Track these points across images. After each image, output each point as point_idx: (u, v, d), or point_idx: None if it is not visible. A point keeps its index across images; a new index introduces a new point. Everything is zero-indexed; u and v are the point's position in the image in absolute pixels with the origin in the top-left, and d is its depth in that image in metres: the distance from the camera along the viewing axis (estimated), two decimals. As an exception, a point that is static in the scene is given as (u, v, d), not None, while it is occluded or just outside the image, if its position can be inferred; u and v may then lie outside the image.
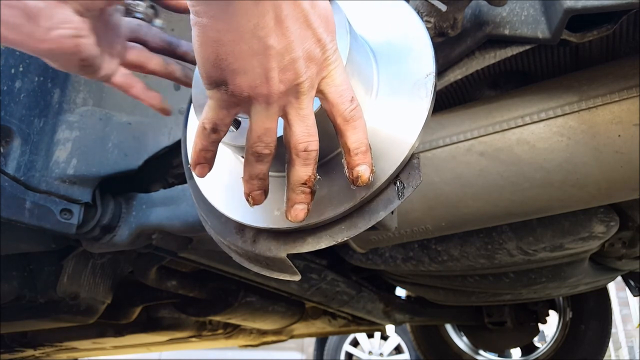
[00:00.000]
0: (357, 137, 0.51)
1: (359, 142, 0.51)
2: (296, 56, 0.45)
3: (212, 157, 0.52)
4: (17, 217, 0.92)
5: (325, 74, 0.48)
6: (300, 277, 0.61)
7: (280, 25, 0.43)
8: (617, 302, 6.32)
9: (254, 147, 0.50)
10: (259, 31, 0.42)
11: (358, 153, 0.51)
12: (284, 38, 0.44)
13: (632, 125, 0.88)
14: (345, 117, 0.50)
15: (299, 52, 0.45)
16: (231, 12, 0.41)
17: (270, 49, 0.43)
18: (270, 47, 0.43)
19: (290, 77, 0.46)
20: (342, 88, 0.49)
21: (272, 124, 0.49)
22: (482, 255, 1.39)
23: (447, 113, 1.05)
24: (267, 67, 0.44)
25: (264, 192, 0.53)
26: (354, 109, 0.50)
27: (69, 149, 1.02)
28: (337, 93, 0.49)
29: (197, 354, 5.36)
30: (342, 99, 0.49)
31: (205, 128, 0.49)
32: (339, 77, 0.49)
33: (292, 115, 0.48)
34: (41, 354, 2.17)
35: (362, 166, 0.51)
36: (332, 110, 0.50)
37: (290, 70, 0.45)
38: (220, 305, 1.82)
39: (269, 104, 0.47)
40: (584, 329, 2.74)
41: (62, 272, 1.32)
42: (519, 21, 0.83)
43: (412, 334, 3.19)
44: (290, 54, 0.44)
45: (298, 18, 0.44)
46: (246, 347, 2.94)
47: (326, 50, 0.47)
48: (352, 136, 0.51)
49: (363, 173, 0.51)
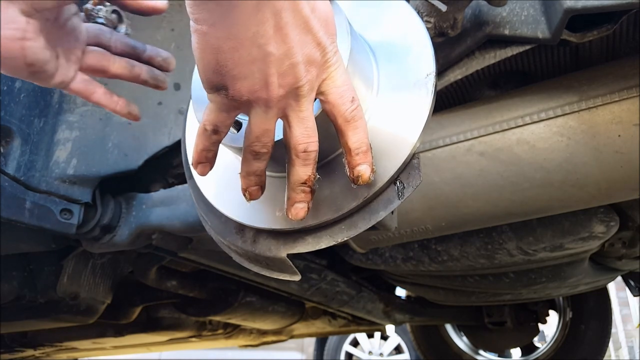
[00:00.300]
0: (358, 137, 0.51)
1: (359, 142, 0.51)
2: (296, 61, 0.45)
3: (213, 157, 0.53)
4: (17, 217, 0.92)
5: (325, 76, 0.48)
6: (300, 277, 0.61)
7: (279, 32, 0.43)
8: (617, 302, 6.31)
9: (252, 146, 0.50)
10: (259, 39, 0.43)
11: (359, 153, 0.51)
12: (284, 44, 0.44)
13: (632, 125, 0.88)
14: (346, 118, 0.50)
15: (299, 57, 0.45)
16: (231, 20, 0.42)
17: (269, 56, 0.44)
18: (270, 54, 0.44)
19: (289, 81, 0.46)
20: (343, 89, 0.50)
21: (271, 125, 0.49)
22: (482, 255, 1.39)
23: (447, 113, 1.05)
24: (267, 73, 0.45)
25: (260, 187, 0.54)
26: (354, 109, 0.50)
27: (69, 149, 1.02)
28: (337, 94, 0.50)
29: (197, 354, 5.36)
30: (342, 99, 0.50)
31: (206, 129, 0.50)
32: (340, 78, 0.49)
33: (292, 117, 0.49)
34: (41, 354, 2.17)
35: (363, 165, 0.52)
36: (333, 111, 0.50)
37: (290, 74, 0.46)
38: (220, 305, 1.82)
39: (268, 107, 0.47)
40: (584, 329, 2.74)
41: (62, 272, 1.32)
42: (519, 21, 0.83)
43: (412, 334, 3.19)
44: (290, 59, 0.45)
45: (298, 24, 0.44)
46: (246, 347, 2.94)
47: (326, 52, 0.47)
48: (353, 136, 0.51)
49: (364, 172, 0.52)
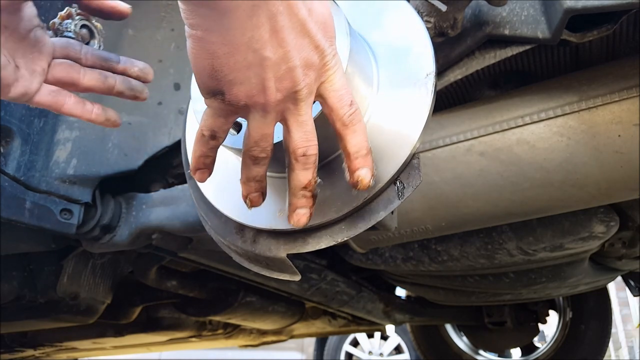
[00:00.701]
0: (357, 141, 0.50)
1: (359, 145, 0.51)
2: (293, 65, 0.44)
3: (212, 163, 0.52)
4: (17, 217, 0.92)
5: (324, 79, 0.48)
6: (300, 277, 0.61)
7: (276, 36, 0.43)
8: (617, 302, 6.31)
9: (251, 151, 0.50)
10: (254, 43, 0.42)
11: (358, 157, 0.51)
12: (280, 49, 0.43)
13: (632, 125, 0.88)
14: (345, 121, 0.50)
15: (296, 60, 0.44)
16: (225, 25, 0.41)
17: (266, 60, 0.43)
18: (266, 59, 0.43)
19: (287, 85, 0.45)
20: (341, 92, 0.49)
21: (269, 129, 0.49)
22: (482, 255, 1.39)
23: (447, 113, 1.05)
24: (264, 78, 0.44)
25: (261, 194, 0.53)
26: (353, 112, 0.50)
27: (69, 149, 1.02)
28: (336, 97, 0.49)
29: (197, 354, 5.36)
30: (341, 103, 0.49)
31: (203, 135, 0.49)
32: (338, 82, 0.49)
33: (291, 121, 0.48)
34: (41, 354, 2.17)
35: (363, 170, 0.51)
36: (332, 115, 0.50)
37: (288, 78, 0.45)
38: (220, 305, 1.82)
39: (266, 112, 0.47)
40: (584, 329, 2.74)
41: (62, 272, 1.32)
42: (519, 21, 0.83)
43: (412, 334, 3.19)
44: (287, 63, 0.44)
45: (294, 28, 0.43)
46: (246, 347, 2.94)
47: (325, 55, 0.46)
48: (352, 140, 0.50)
49: (364, 177, 0.51)
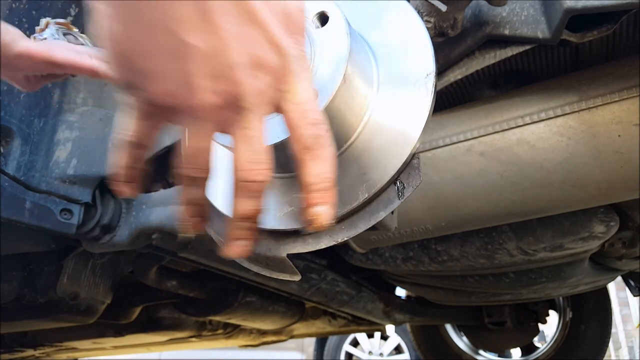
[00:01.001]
0: (317, 170, 0.40)
1: (319, 176, 0.40)
2: (232, 61, 0.35)
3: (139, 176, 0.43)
4: (17, 217, 0.92)
5: (285, 88, 0.38)
6: (300, 277, 0.61)
7: (207, 20, 0.33)
8: (617, 302, 6.31)
9: (184, 171, 0.40)
10: (172, 24, 0.33)
11: (316, 190, 0.40)
12: (214, 36, 0.34)
13: (632, 125, 0.88)
14: (305, 144, 0.39)
15: (239, 56, 0.35)
16: None
17: (189, 48, 0.33)
18: (190, 46, 0.33)
19: (225, 87, 0.35)
20: (305, 107, 0.39)
21: (205, 143, 0.39)
22: (482, 255, 1.39)
23: (447, 113, 1.05)
24: (187, 71, 0.34)
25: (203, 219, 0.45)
26: (317, 134, 0.39)
27: (69, 149, 1.02)
28: (297, 112, 0.39)
29: (197, 354, 5.35)
30: (303, 120, 0.39)
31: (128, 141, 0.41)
32: (303, 93, 0.39)
33: (236, 135, 0.38)
34: (41, 354, 2.17)
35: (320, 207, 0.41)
36: (291, 134, 0.40)
37: (225, 78, 0.35)
38: (220, 305, 1.82)
39: (198, 119, 0.37)
40: (584, 329, 2.74)
41: (62, 272, 1.32)
42: (519, 21, 0.83)
43: (412, 334, 3.18)
44: (224, 56, 0.34)
45: (238, 12, 0.34)
46: (246, 347, 2.94)
47: (284, 55, 0.37)
48: (311, 168, 0.40)
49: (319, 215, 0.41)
